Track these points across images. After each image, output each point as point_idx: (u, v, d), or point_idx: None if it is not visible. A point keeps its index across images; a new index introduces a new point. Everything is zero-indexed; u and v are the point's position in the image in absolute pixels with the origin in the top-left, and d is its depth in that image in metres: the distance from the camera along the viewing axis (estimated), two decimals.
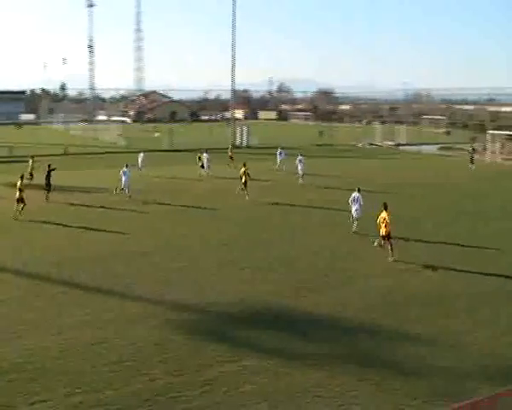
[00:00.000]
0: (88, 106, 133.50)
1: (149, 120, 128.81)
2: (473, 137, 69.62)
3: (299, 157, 37.92)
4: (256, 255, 19.83)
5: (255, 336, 13.24)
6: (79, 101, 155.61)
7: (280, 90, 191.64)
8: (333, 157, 50.28)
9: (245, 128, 69.56)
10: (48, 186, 29.95)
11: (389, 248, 19.26)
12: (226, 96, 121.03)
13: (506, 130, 61.21)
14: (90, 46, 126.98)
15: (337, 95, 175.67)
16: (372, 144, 71.16)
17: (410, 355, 12.28)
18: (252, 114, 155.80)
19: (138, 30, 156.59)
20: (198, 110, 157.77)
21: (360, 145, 70.36)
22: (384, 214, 19.11)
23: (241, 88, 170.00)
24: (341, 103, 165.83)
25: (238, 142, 66.76)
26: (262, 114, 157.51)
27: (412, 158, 56.48)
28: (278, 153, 44.28)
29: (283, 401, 10.40)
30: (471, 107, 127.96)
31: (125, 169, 30.87)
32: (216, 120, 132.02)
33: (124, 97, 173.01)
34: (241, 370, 11.49)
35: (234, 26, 67.35)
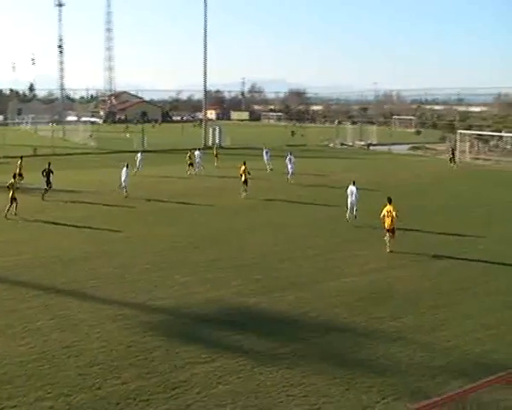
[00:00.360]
0: (57, 106, 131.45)
1: (120, 121, 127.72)
2: (442, 136, 70.65)
3: (289, 156, 38.36)
4: (229, 255, 19.79)
5: (228, 336, 13.21)
6: (49, 101, 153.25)
7: (252, 90, 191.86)
8: (305, 157, 50.41)
9: (217, 129, 69.43)
10: (48, 185, 30.57)
11: (388, 240, 20.13)
12: (199, 96, 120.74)
13: (475, 129, 62.24)
14: (60, 46, 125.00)
15: (309, 95, 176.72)
16: (343, 144, 71.72)
17: (380, 353, 12.38)
18: (224, 115, 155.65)
19: (108, 30, 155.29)
20: (170, 111, 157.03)
21: (332, 145, 70.86)
22: (388, 207, 20.03)
23: (214, 89, 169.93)
24: (313, 104, 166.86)
25: (210, 142, 66.57)
26: (234, 115, 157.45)
27: (384, 158, 57.07)
28: (265, 152, 44.61)
29: (256, 400, 10.40)
30: (441, 107, 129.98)
31: (125, 168, 31.54)
32: (188, 121, 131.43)
33: (94, 98, 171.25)
34: (213, 371, 11.46)
35: (205, 27, 67.16)
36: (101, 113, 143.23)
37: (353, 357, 12.25)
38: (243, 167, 32.02)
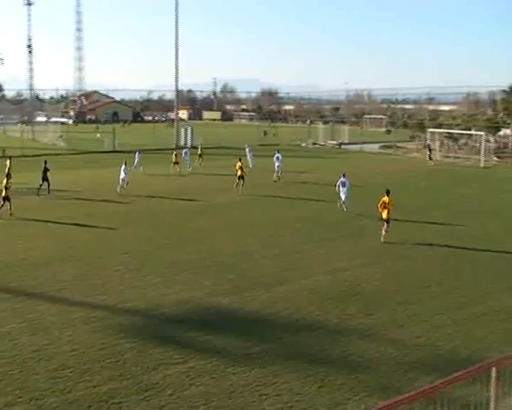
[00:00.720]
0: (27, 107, 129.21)
1: (91, 121, 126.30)
2: (412, 135, 71.48)
3: (277, 154, 39.00)
4: (201, 255, 19.72)
5: (200, 337, 13.17)
6: (18, 102, 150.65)
7: (224, 90, 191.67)
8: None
9: (189, 129, 69.11)
10: (43, 181, 31.80)
11: (384, 230, 21.32)
12: (170, 96, 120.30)
13: (445, 128, 63.12)
14: (29, 46, 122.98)
15: (281, 95, 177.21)
16: (315, 144, 72.11)
17: (352, 350, 12.49)
18: (196, 115, 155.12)
19: (78, 29, 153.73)
20: (141, 111, 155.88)
21: (304, 145, 71.18)
22: (386, 199, 21.35)
23: (186, 88, 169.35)
24: (285, 103, 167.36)
25: (182, 142, 66.27)
26: (206, 115, 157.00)
27: (355, 157, 57.53)
28: (248, 151, 45.59)
29: (229, 401, 10.39)
30: (411, 106, 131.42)
31: (124, 166, 33.02)
32: (160, 121, 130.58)
33: (64, 98, 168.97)
34: (186, 372, 11.41)
35: (177, 26, 66.87)
36: (72, 113, 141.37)
37: (326, 355, 12.33)
38: (239, 164, 33.20)
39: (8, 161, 34.06)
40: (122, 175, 32.87)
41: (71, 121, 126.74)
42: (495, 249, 20.87)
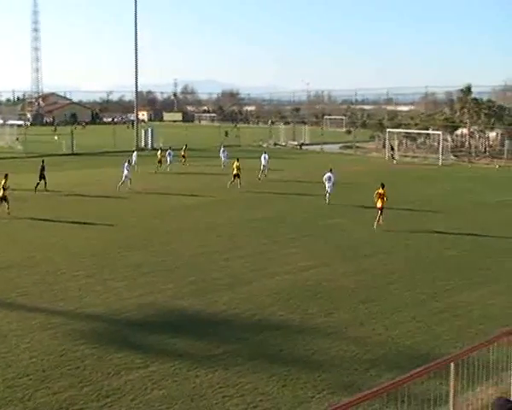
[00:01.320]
0: None
1: (49, 123, 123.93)
2: (372, 135, 72.47)
3: (264, 155, 40.96)
4: (162, 257, 19.55)
5: (162, 340, 13.05)
6: None
7: (185, 91, 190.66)
8: (240, 158, 50.62)
9: (149, 130, 68.48)
10: (41, 179, 33.98)
11: (378, 218, 23.98)
12: (130, 97, 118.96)
13: (403, 128, 64.21)
14: None
15: (242, 96, 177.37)
16: (277, 144, 72.43)
17: (314, 349, 12.56)
18: (157, 116, 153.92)
19: (35, 29, 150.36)
20: (100, 112, 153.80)
21: (265, 145, 71.35)
22: (381, 191, 24.21)
23: (146, 89, 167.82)
24: (246, 104, 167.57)
25: (142, 144, 65.64)
26: (167, 116, 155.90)
27: (316, 157, 57.98)
28: (221, 151, 47.56)
29: (192, 403, 10.31)
30: (370, 107, 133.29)
31: (126, 163, 34.85)
32: (119, 122, 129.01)
33: (21, 100, 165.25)
34: (148, 376, 11.28)
35: (136, 27, 66.22)
36: (29, 115, 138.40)
37: (289, 354, 12.37)
38: (236, 163, 35.60)
39: None
40: (125, 172, 34.44)
41: (27, 123, 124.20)
42: (451, 247, 21.35)
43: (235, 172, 35.39)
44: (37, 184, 33.87)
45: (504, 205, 30.41)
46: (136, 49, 66.96)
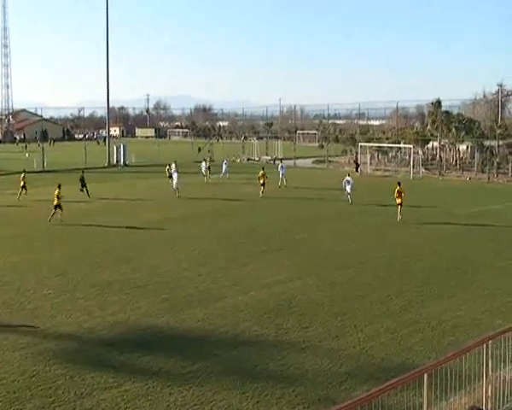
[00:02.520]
0: None
1: (19, 140, 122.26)
2: (344, 149, 73.14)
3: (281, 164, 46.71)
4: (135, 274, 19.36)
5: (136, 359, 12.89)
6: None
7: (157, 107, 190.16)
8: (214, 173, 50.74)
9: (121, 146, 68.05)
10: (83, 187, 37.90)
11: (399, 211, 28.95)
12: (102, 113, 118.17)
13: (375, 142, 64.94)
14: None
15: (215, 111, 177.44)
16: (250, 159, 72.61)
17: (289, 363, 12.55)
18: (129, 132, 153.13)
19: (5, 45, 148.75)
20: (72, 128, 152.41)
21: (239, 160, 71.52)
22: (399, 188, 29.37)
23: (118, 105, 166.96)
24: (219, 119, 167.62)
25: (115, 160, 65.17)
26: (140, 132, 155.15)
27: (289, 171, 58.19)
28: (203, 164, 50.33)
29: None
30: (343, 121, 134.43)
31: (176, 173, 38.54)
32: (91, 139, 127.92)
33: None
34: (121, 395, 11.12)
35: (107, 42, 65.99)
36: None
37: (263, 369, 12.33)
38: (261, 172, 38.74)
39: (22, 175, 38.68)
40: (175, 181, 37.32)
41: None
42: (420, 258, 21.59)
43: (261, 181, 38.11)
44: (82, 191, 37.66)
45: (473, 216, 30.90)
46: (107, 65, 66.70)
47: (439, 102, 58.63)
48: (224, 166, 51.00)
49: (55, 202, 29.43)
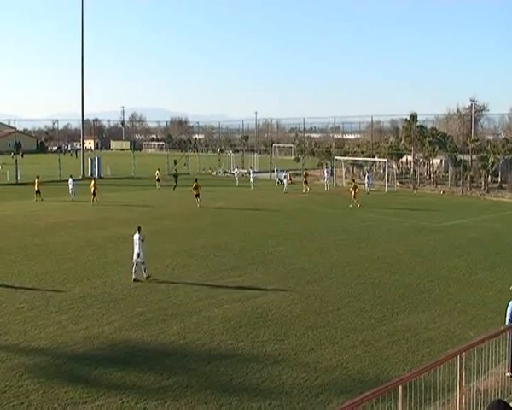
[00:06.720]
0: None
1: None
2: (319, 162, 73.58)
3: (285, 173, 51.78)
4: (109, 289, 19.18)
5: (110, 373, 12.75)
6: None
7: (133, 119, 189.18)
8: (189, 186, 50.56)
9: (96, 158, 67.47)
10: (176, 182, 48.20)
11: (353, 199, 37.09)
12: (76, 125, 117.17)
13: (350, 156, 65.44)
14: None
15: (191, 124, 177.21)
16: (226, 172, 72.60)
17: (265, 377, 12.54)
18: (104, 144, 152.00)
19: None
20: (46, 140, 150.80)
21: (214, 173, 71.49)
22: (354, 184, 39.17)
23: (92, 117, 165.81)
24: (195, 132, 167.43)
25: (89, 173, 64.57)
26: (114, 144, 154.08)
27: (265, 185, 58.44)
28: (237, 172, 55.27)
29: None
30: (318, 135, 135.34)
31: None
32: (65, 151, 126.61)
33: None
34: None
35: (82, 55, 65.59)
36: None
37: (239, 383, 12.30)
38: (195, 183, 40.51)
39: (36, 179, 41.72)
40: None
41: None
42: (395, 272, 21.76)
43: (195, 192, 40.08)
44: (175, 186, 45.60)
45: (446, 229, 31.29)
46: (82, 77, 66.22)
47: (414, 117, 59.35)
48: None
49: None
